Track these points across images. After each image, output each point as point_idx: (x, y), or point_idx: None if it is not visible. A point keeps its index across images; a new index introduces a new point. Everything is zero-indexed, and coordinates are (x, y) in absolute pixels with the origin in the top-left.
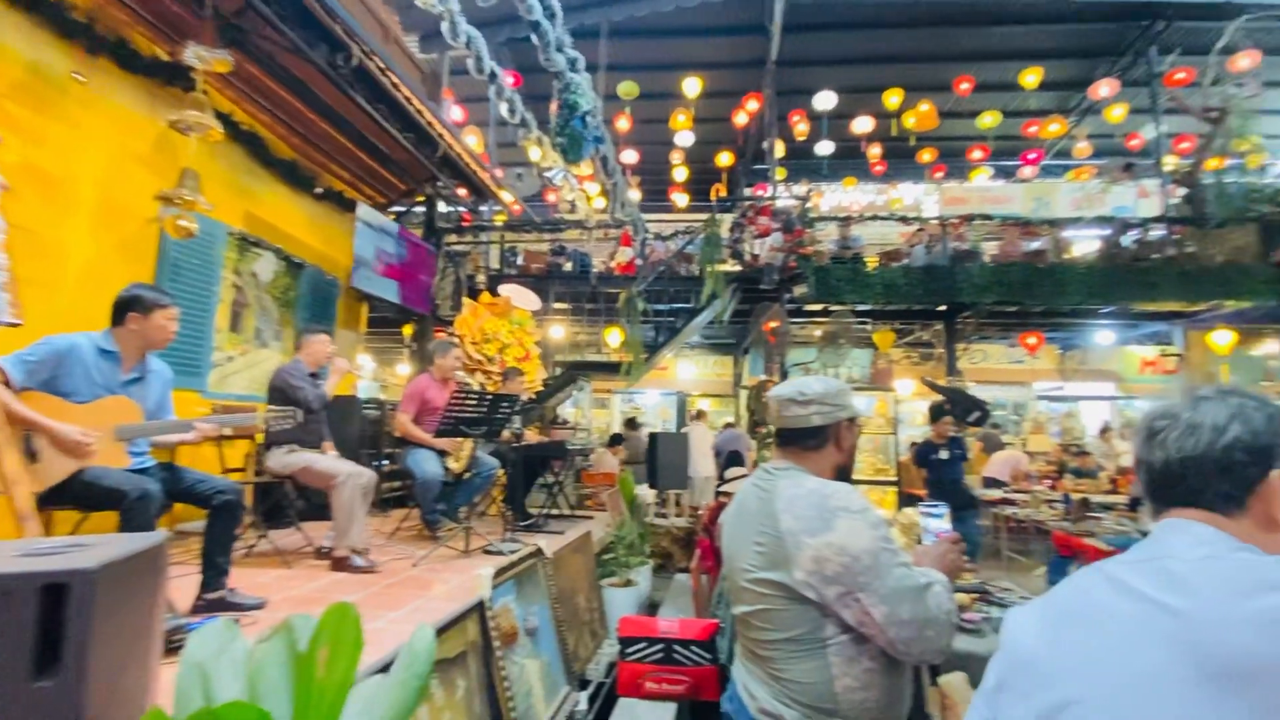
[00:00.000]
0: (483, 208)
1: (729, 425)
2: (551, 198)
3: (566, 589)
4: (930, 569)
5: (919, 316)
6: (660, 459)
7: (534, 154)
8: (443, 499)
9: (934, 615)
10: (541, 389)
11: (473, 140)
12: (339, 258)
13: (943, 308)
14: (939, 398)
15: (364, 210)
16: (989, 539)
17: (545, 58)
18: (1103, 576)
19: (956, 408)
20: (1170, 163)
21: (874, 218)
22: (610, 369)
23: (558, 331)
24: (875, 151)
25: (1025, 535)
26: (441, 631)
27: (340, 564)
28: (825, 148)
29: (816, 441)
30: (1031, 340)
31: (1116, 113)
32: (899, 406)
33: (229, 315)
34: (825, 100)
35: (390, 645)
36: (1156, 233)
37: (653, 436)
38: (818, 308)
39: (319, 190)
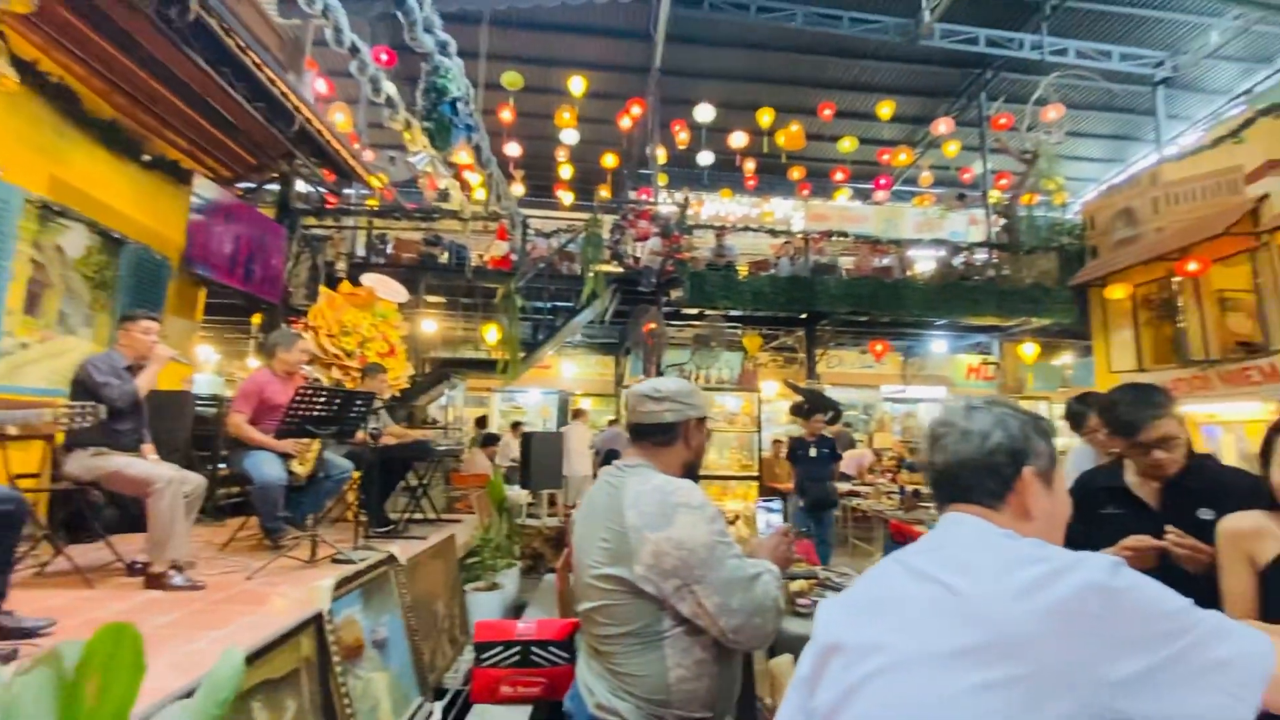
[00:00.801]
0: (349, 190)
1: (612, 423)
2: (426, 184)
3: (423, 596)
4: (763, 559)
5: (783, 323)
6: (534, 459)
7: (405, 137)
8: (289, 505)
9: (762, 603)
10: (408, 386)
11: (341, 117)
12: (171, 235)
13: (804, 315)
14: (799, 398)
15: (202, 183)
16: (839, 528)
17: (411, 37)
18: (899, 565)
19: (814, 408)
20: (994, 196)
21: (745, 229)
22: (487, 366)
23: (430, 326)
24: (750, 166)
25: (869, 524)
26: (268, 650)
27: (156, 581)
28: (705, 158)
29: (667, 438)
30: (879, 347)
31: (952, 148)
32: (765, 406)
33: (23, 296)
34: (705, 113)
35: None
36: (980, 256)
37: (526, 436)
38: (693, 311)
39: (147, 158)
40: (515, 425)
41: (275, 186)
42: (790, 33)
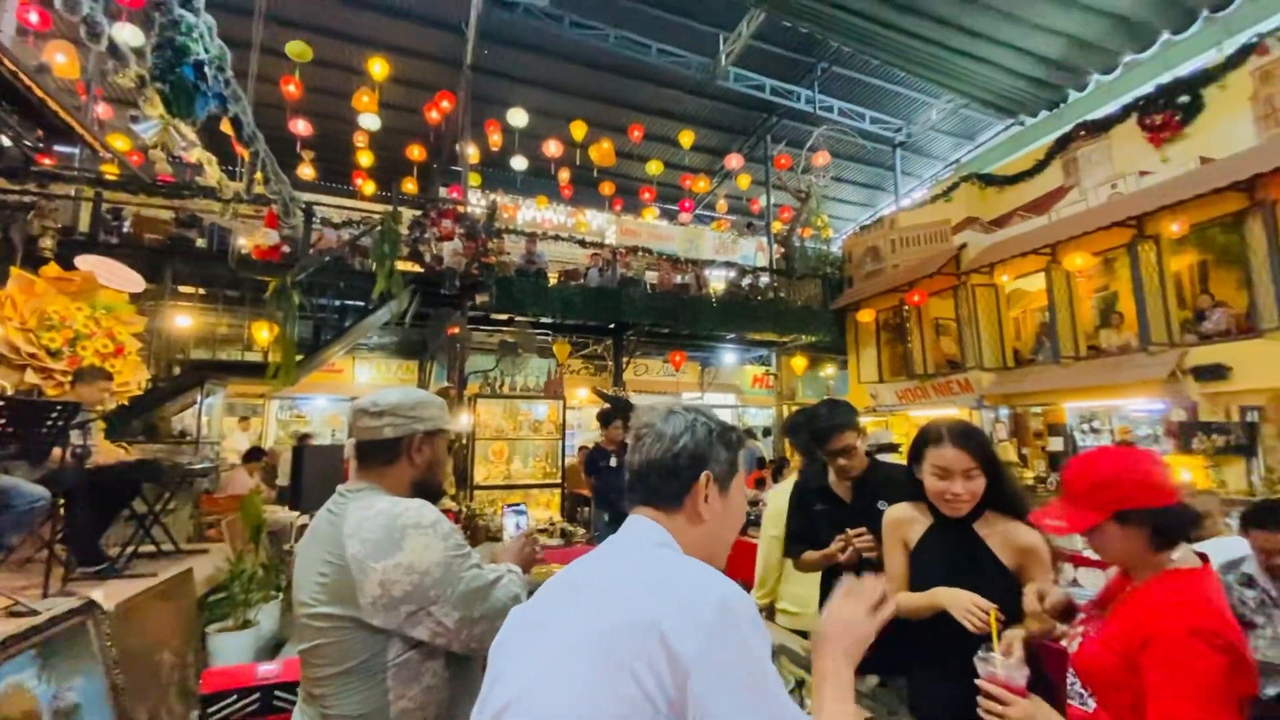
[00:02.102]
0: (72, 150)
1: None
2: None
3: (141, 647)
4: (508, 562)
5: (593, 331)
6: (307, 475)
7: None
8: None
9: (503, 605)
10: (140, 394)
11: (63, 59)
12: None
13: (612, 325)
14: (607, 405)
15: None
16: None
17: None
18: (559, 577)
19: (618, 414)
20: (776, 226)
21: (556, 237)
22: (256, 370)
23: (184, 322)
24: (564, 175)
25: None
26: None
27: None
28: (519, 163)
29: (389, 455)
30: (678, 358)
31: (744, 181)
32: (573, 414)
33: None
34: (518, 117)
35: None
36: (763, 279)
37: (298, 450)
38: (503, 317)
39: None
40: (304, 437)
41: None
42: (603, 52)
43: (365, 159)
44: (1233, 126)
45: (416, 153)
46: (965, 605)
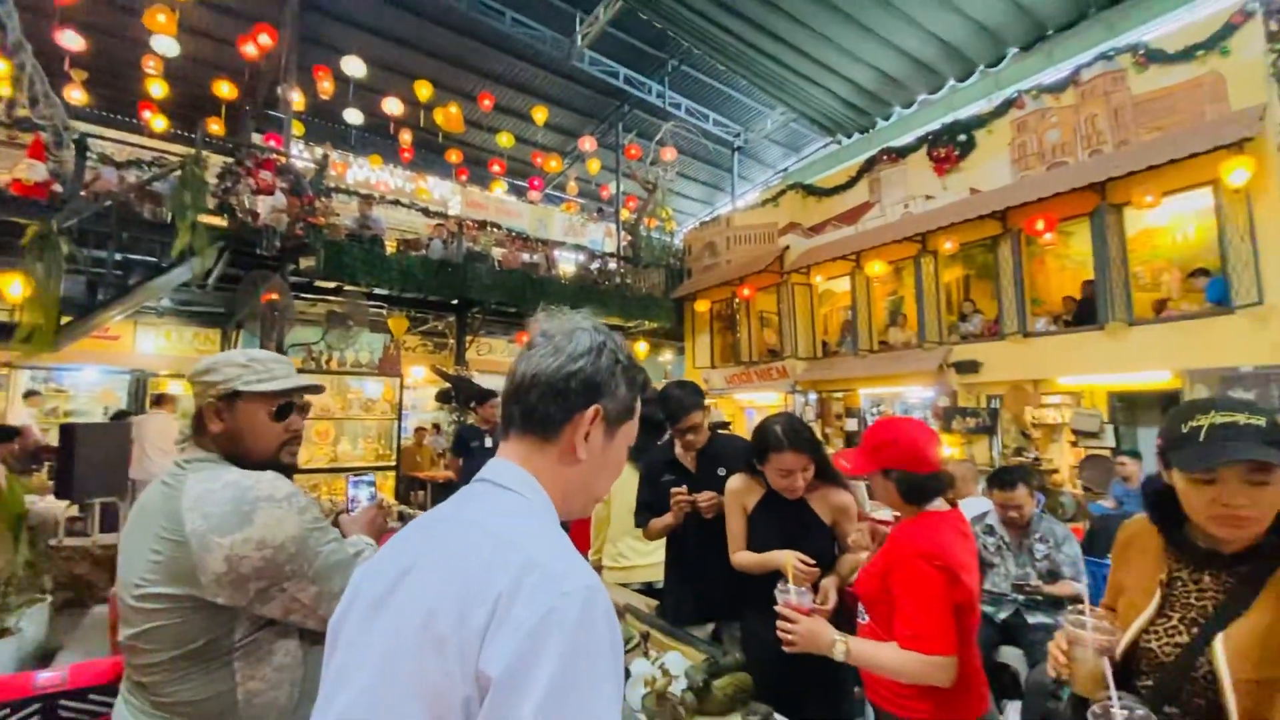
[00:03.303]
0: None
1: None
2: None
3: None
4: (361, 535)
5: (434, 307)
6: (78, 459)
7: None
8: None
9: None
10: None
11: None
12: None
13: (455, 301)
14: (447, 385)
15: None
16: None
17: None
18: (418, 526)
19: (460, 394)
20: (624, 214)
21: (396, 202)
22: (2, 333)
23: None
24: (406, 138)
25: None
26: None
27: None
28: (354, 116)
29: (205, 425)
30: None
31: (595, 166)
32: (412, 393)
33: None
34: (354, 66)
35: None
36: (611, 265)
37: (66, 430)
38: (330, 285)
39: None
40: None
41: None
42: (455, 11)
43: (158, 89)
44: (995, 165)
45: (225, 90)
46: (793, 562)
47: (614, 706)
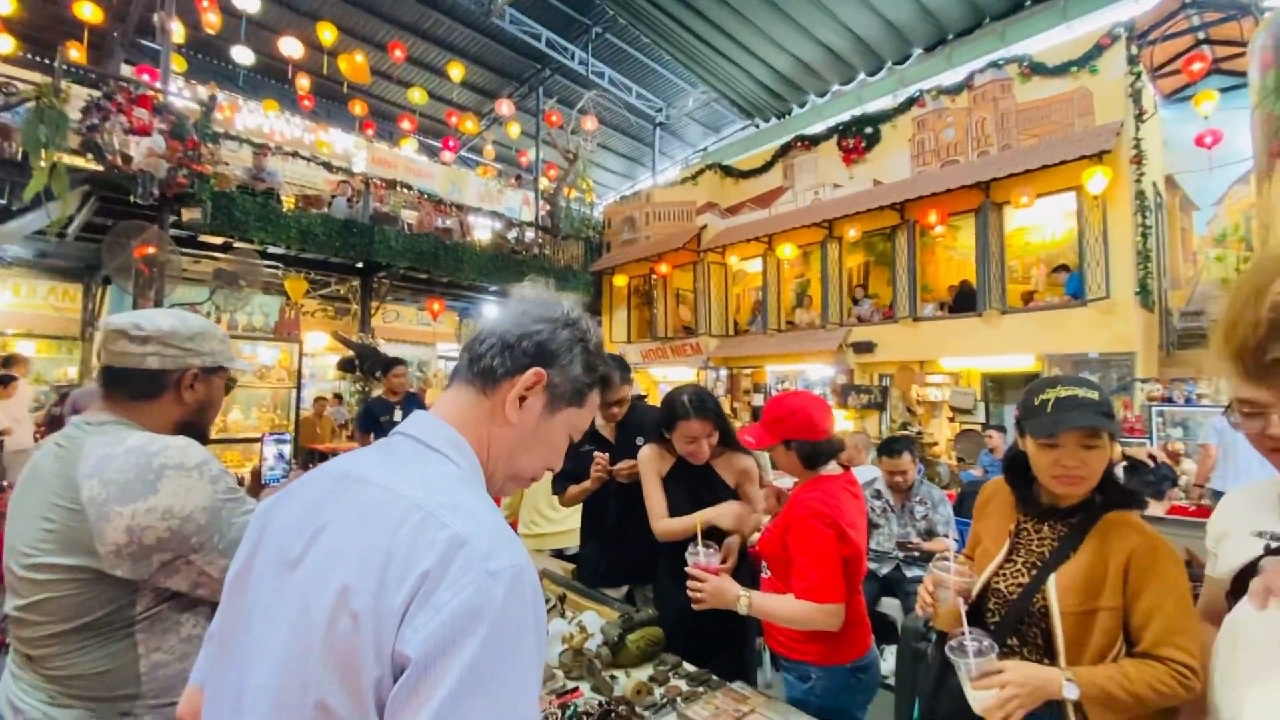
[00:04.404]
0: None
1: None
2: None
3: None
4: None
5: (336, 269)
6: None
7: None
8: None
9: None
10: None
11: None
12: None
13: (360, 264)
14: (350, 352)
15: None
16: None
17: None
18: (326, 474)
19: (365, 363)
20: (544, 183)
21: (294, 154)
22: None
23: None
24: (304, 84)
25: None
26: None
27: None
28: (244, 56)
29: (150, 389)
30: (436, 306)
31: (514, 130)
32: (312, 361)
33: None
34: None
35: None
36: (529, 234)
37: None
38: (219, 241)
39: None
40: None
41: None
42: None
43: (4, 4)
44: (897, 159)
45: (89, 12)
46: (709, 519)
47: (533, 688)
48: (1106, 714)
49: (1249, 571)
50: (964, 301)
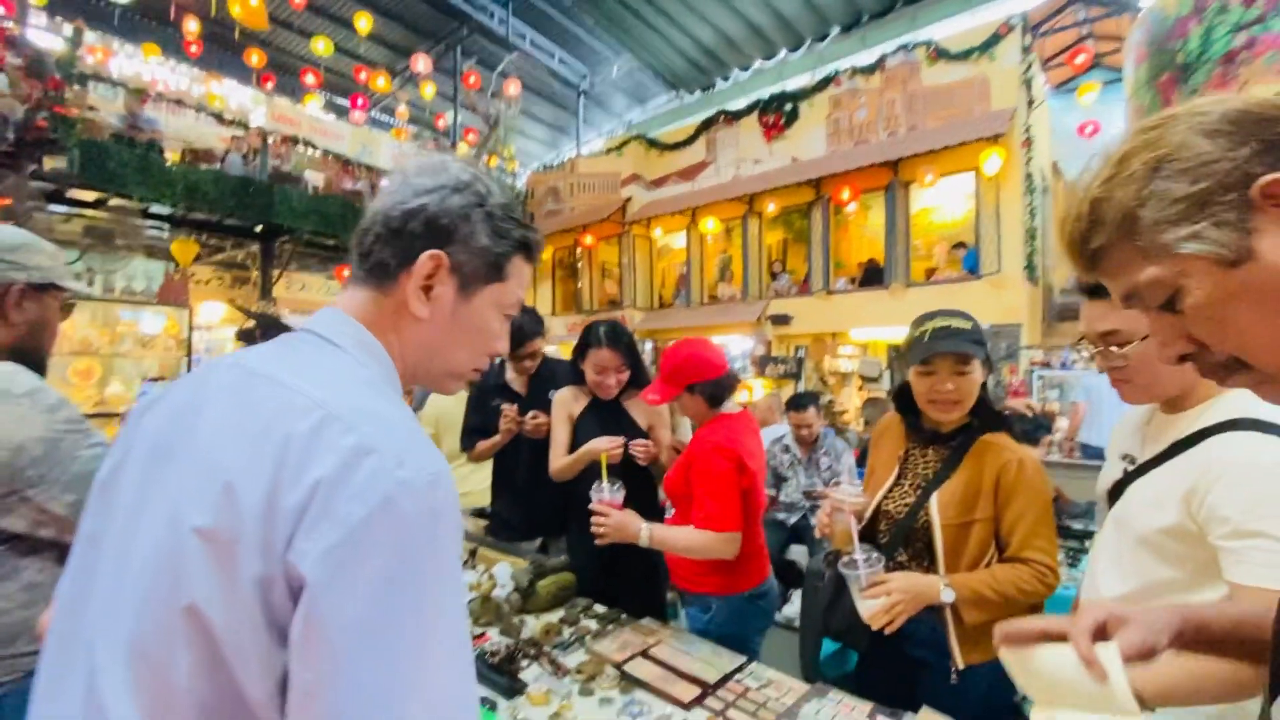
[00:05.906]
0: None
1: None
2: None
3: None
4: None
5: (232, 232)
6: None
7: None
8: None
9: None
10: None
11: None
12: None
13: (260, 228)
14: (251, 323)
15: None
16: None
17: None
18: (198, 379)
19: (266, 334)
20: (462, 149)
21: (179, 103)
22: None
23: None
24: (192, 28)
25: None
26: None
27: None
28: None
29: None
30: (346, 274)
31: (429, 90)
32: (207, 334)
33: None
34: None
35: None
36: None
37: None
38: (90, 196)
39: None
40: None
41: None
42: None
43: None
44: (814, 136)
45: None
46: (604, 446)
47: (460, 610)
48: (979, 613)
49: (1116, 491)
50: (873, 276)
